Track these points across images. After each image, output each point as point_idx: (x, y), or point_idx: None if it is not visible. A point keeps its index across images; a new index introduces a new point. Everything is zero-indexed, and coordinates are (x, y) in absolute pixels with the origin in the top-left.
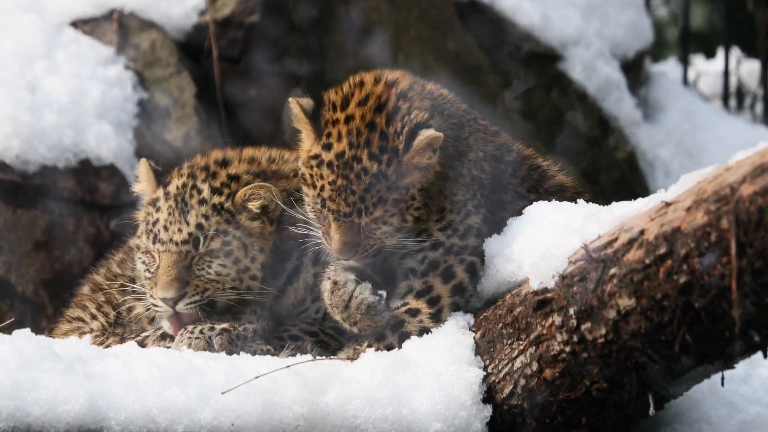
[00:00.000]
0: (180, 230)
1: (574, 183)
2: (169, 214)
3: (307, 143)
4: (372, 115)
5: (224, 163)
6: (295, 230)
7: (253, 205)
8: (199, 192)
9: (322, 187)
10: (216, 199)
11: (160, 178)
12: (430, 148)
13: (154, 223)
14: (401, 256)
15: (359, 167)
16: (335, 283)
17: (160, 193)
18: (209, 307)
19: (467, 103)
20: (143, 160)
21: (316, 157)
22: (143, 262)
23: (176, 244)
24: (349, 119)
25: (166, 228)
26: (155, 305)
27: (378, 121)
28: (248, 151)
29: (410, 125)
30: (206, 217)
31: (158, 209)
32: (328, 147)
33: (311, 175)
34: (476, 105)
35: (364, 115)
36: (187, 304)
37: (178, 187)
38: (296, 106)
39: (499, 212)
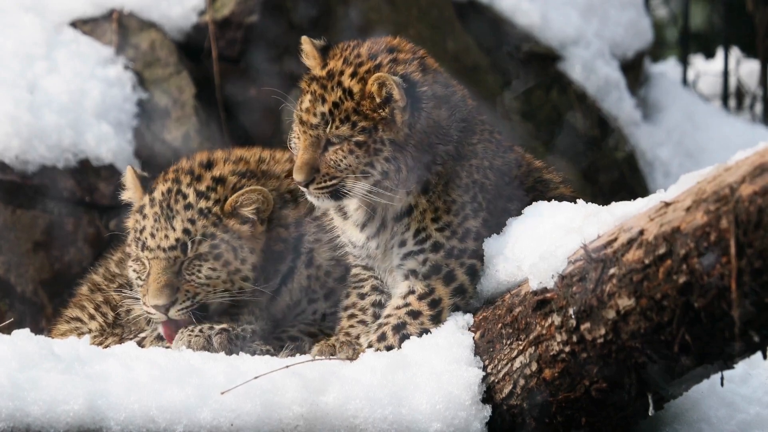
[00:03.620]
0: (167, 236)
1: (575, 193)
2: (155, 221)
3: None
4: (379, 47)
5: (209, 165)
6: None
7: (247, 211)
8: (185, 197)
9: (307, 94)
10: (202, 204)
11: (147, 184)
12: (384, 90)
13: (141, 231)
14: (402, 257)
15: (337, 80)
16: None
17: (146, 200)
18: (202, 311)
19: None
20: (129, 168)
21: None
22: (134, 270)
23: (164, 250)
24: (356, 46)
25: (152, 235)
26: (149, 312)
27: (382, 58)
28: (237, 152)
29: (392, 65)
30: (192, 221)
31: (144, 216)
32: (324, 66)
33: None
34: None
35: (371, 47)
36: (179, 310)
37: (163, 193)
38: (308, 43)
39: (503, 218)
